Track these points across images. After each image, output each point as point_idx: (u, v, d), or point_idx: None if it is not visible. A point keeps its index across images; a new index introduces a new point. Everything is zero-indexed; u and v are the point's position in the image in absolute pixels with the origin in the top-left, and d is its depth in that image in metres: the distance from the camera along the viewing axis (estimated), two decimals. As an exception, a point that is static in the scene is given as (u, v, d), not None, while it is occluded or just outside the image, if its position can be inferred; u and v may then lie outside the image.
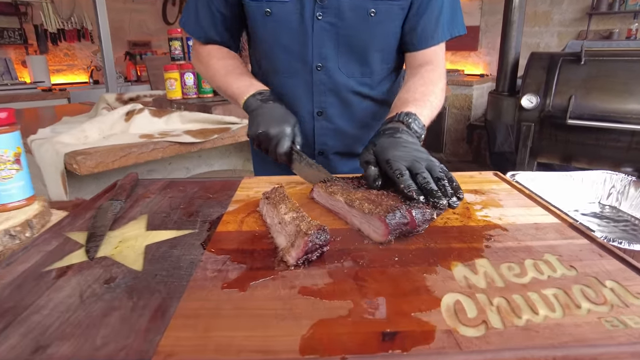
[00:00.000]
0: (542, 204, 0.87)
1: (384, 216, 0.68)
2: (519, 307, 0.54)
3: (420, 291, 0.57)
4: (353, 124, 1.21)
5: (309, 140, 1.21)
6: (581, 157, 2.69)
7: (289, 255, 0.64)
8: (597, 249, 0.69)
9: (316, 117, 1.17)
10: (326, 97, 1.13)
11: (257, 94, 1.05)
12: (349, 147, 1.26)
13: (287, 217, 0.70)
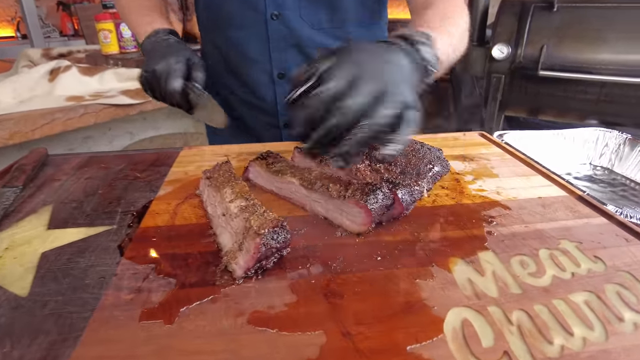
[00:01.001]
0: (542, 172, 0.73)
1: (363, 200, 0.52)
2: (546, 325, 0.41)
3: (414, 308, 0.42)
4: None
5: (271, 111, 0.99)
6: (549, 109, 2.62)
7: (235, 262, 0.47)
8: (619, 230, 0.56)
9: (277, 81, 0.93)
10: (287, 54, 0.90)
11: (153, 35, 0.84)
12: None
13: (233, 206, 0.52)
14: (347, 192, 0.54)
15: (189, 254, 0.51)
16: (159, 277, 0.47)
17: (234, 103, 1.02)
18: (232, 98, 1.02)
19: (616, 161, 0.97)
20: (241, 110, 1.03)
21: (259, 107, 0.99)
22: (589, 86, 2.31)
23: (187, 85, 0.77)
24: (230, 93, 1.01)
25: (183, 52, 0.79)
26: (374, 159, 0.64)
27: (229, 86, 1.00)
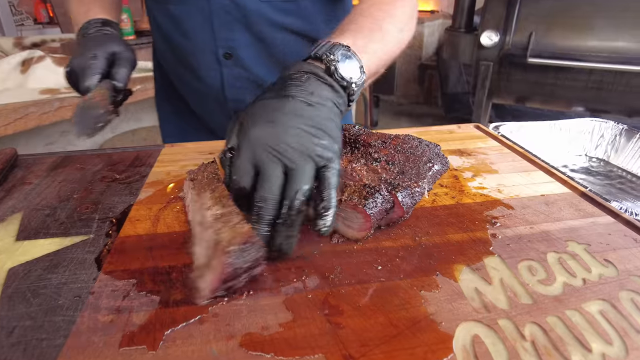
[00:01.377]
0: (543, 167, 0.71)
1: (361, 204, 0.48)
2: (561, 340, 0.38)
3: (421, 325, 0.39)
4: (279, 70, 0.86)
5: (219, 97, 0.89)
6: (537, 97, 2.61)
7: (202, 281, 0.42)
8: (627, 230, 0.54)
9: (223, 62, 0.84)
10: (233, 31, 0.81)
11: (84, 27, 0.76)
12: None
13: (209, 214, 0.48)
14: (343, 195, 0.51)
15: (173, 267, 0.47)
16: (140, 294, 0.43)
17: (186, 93, 0.95)
18: (182, 87, 0.95)
19: (612, 152, 0.95)
20: (191, 100, 0.96)
21: (206, 94, 0.90)
22: (577, 73, 2.31)
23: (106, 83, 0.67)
24: (180, 81, 0.94)
25: (109, 45, 0.71)
26: (369, 157, 0.60)
27: (178, 73, 0.92)
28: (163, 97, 1.04)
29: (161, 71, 1.00)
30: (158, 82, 1.04)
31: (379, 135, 0.66)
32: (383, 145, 0.62)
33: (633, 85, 2.18)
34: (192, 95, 0.95)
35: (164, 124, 1.07)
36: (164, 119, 1.07)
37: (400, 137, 0.65)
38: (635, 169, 0.89)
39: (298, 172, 0.44)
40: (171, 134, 1.03)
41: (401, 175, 0.55)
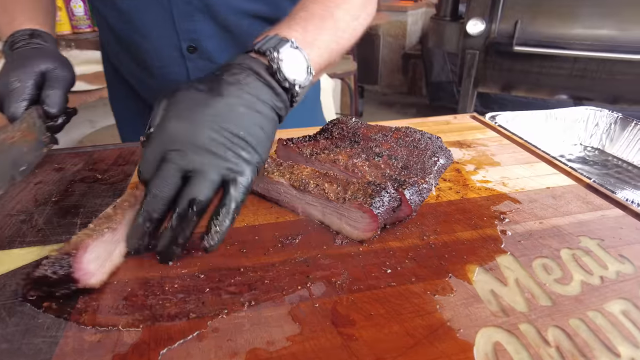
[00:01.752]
0: (545, 158, 0.69)
1: (367, 203, 0.45)
2: (587, 344, 0.36)
3: (438, 333, 0.36)
4: None
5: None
6: (522, 85, 2.62)
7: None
8: (638, 223, 0.52)
9: (187, 56, 0.76)
10: (196, 22, 0.74)
11: (9, 40, 0.68)
12: None
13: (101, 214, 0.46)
14: (347, 193, 0.48)
15: (165, 278, 0.43)
16: (131, 308, 0.39)
17: (147, 94, 0.86)
18: (142, 89, 0.86)
19: (607, 141, 0.94)
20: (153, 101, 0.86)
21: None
22: (562, 61, 2.31)
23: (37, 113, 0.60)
24: (139, 82, 0.85)
25: (37, 62, 0.63)
26: (370, 151, 0.57)
27: (135, 75, 0.83)
28: (119, 99, 0.95)
29: (114, 73, 0.91)
30: (111, 83, 0.94)
31: (379, 127, 0.63)
32: (384, 139, 0.59)
33: (616, 72, 2.20)
34: (153, 96, 0.85)
35: (123, 128, 0.98)
36: (122, 122, 0.97)
37: (401, 130, 0.62)
38: (631, 158, 0.88)
39: (197, 180, 0.41)
40: (133, 137, 0.93)
41: (405, 171, 0.53)
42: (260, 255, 0.46)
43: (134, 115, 0.93)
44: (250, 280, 0.42)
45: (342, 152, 0.58)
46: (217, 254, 0.46)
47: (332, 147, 0.60)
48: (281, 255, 0.46)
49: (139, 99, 0.90)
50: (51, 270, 0.37)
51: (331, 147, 0.59)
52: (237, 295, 0.40)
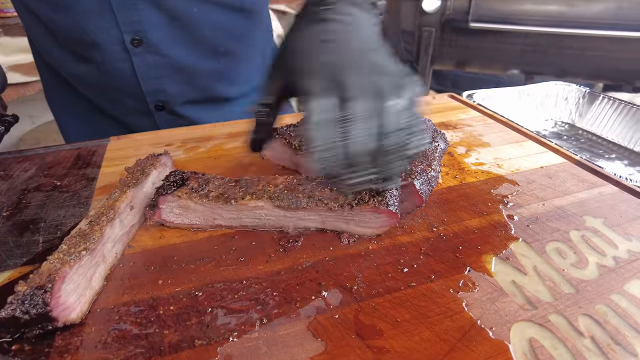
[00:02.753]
0: (532, 136, 0.68)
1: (383, 204, 0.41)
2: (618, 331, 0.35)
3: (471, 334, 0.34)
4: (201, 51, 0.74)
5: (134, 93, 0.74)
6: (476, 61, 2.67)
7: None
8: (633, 198, 0.52)
9: (132, 50, 0.69)
10: (140, 11, 0.66)
11: None
12: (208, 89, 0.79)
13: (79, 225, 0.40)
14: (354, 199, 0.43)
15: (157, 299, 0.37)
16: (123, 341, 0.33)
17: (89, 93, 0.78)
18: (83, 88, 0.78)
19: (576, 116, 0.96)
20: (96, 100, 0.78)
21: (116, 91, 0.75)
22: (514, 37, 2.37)
23: None
24: (78, 81, 0.76)
25: None
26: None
27: (73, 73, 0.75)
28: (56, 97, 0.84)
29: (49, 70, 0.80)
30: (46, 80, 0.83)
31: (370, 113, 0.59)
32: (378, 125, 0.56)
33: (564, 47, 2.29)
34: (98, 95, 0.78)
35: (65, 127, 0.87)
36: (63, 122, 0.87)
37: (394, 115, 0.58)
38: (600, 131, 0.91)
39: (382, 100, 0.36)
40: (77, 137, 0.83)
41: (407, 159, 0.49)
42: (262, 263, 0.42)
43: (75, 115, 0.83)
44: (256, 293, 0.38)
45: (335, 142, 0.53)
46: (211, 266, 0.41)
47: None
48: (285, 261, 0.42)
49: (80, 98, 0.80)
50: (21, 309, 0.31)
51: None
52: (244, 313, 0.36)
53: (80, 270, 0.35)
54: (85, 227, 0.39)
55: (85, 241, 0.37)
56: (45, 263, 0.35)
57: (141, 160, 0.52)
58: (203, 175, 0.48)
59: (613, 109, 0.89)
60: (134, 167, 0.50)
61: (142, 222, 0.47)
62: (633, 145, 0.84)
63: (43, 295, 0.31)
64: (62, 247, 0.37)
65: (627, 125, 0.86)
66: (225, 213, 0.45)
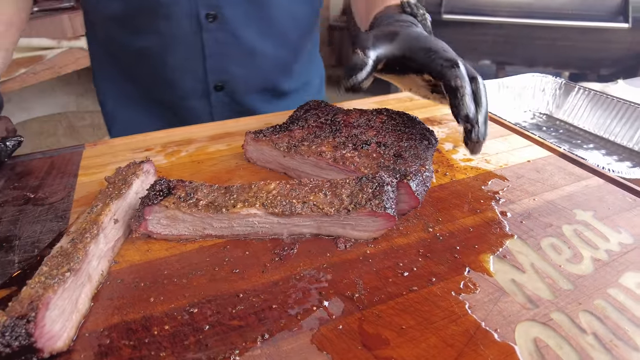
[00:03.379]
0: (516, 130, 0.69)
1: (380, 207, 0.40)
2: (618, 325, 0.35)
3: (477, 338, 0.34)
4: (271, 36, 0.76)
5: (195, 68, 0.76)
6: (449, 53, 2.71)
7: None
8: (619, 190, 0.53)
9: (205, 25, 0.71)
10: None
11: None
12: (269, 78, 0.81)
13: (59, 242, 0.38)
14: (344, 201, 0.42)
15: (149, 318, 0.35)
16: (116, 368, 0.31)
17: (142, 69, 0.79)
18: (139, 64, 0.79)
19: (554, 107, 0.98)
20: (152, 82, 0.80)
21: (178, 68, 0.76)
22: (486, 28, 2.41)
23: None
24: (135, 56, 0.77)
25: None
26: (357, 139, 0.52)
27: (135, 47, 0.76)
28: (107, 85, 0.86)
29: (103, 52, 0.81)
30: (98, 66, 0.85)
31: (359, 112, 0.58)
32: (368, 124, 0.55)
33: (535, 37, 2.34)
34: (154, 75, 0.78)
35: (113, 117, 0.88)
36: (111, 111, 0.88)
37: (383, 113, 0.58)
38: (577, 122, 0.93)
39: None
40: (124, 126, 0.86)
41: (401, 159, 0.49)
42: (258, 274, 0.40)
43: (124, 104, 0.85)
44: (255, 307, 0.36)
45: (325, 143, 0.52)
46: (205, 279, 0.39)
47: (311, 137, 0.54)
48: (282, 271, 0.40)
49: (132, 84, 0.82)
50: (2, 342, 0.28)
51: (310, 138, 0.54)
52: (244, 328, 0.34)
53: (65, 294, 0.33)
54: (68, 245, 0.36)
55: (69, 261, 0.34)
56: (26, 288, 0.32)
57: (122, 169, 0.49)
58: (190, 183, 0.45)
59: (589, 99, 0.91)
60: (115, 177, 0.48)
61: (126, 235, 0.45)
62: (608, 134, 0.87)
63: (26, 326, 0.29)
64: (43, 269, 0.34)
65: (602, 115, 0.88)
66: (216, 222, 0.43)
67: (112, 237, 0.42)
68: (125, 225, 0.44)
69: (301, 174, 0.54)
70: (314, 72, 0.94)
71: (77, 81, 1.97)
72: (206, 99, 0.80)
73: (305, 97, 0.87)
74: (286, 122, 0.59)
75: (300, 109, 0.61)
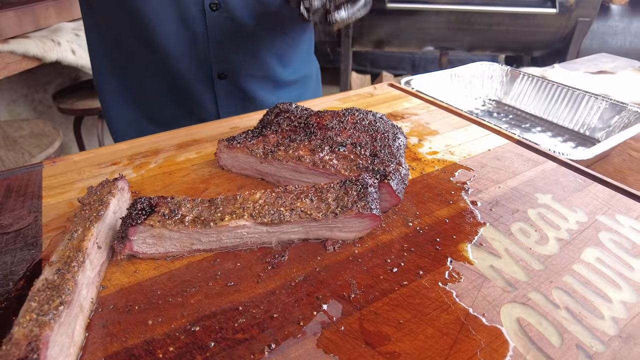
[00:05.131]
0: (473, 120, 0.73)
1: (366, 209, 0.42)
2: (585, 298, 0.40)
3: (467, 323, 0.37)
4: (270, 22, 0.80)
5: (200, 55, 0.78)
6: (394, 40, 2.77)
7: None
8: (570, 172, 0.59)
9: (209, 13, 0.74)
10: None
11: None
12: (268, 66, 0.84)
13: (44, 274, 0.36)
14: (331, 205, 0.43)
15: (151, 342, 0.35)
16: (125, 397, 0.31)
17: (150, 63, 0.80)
18: (145, 53, 0.79)
19: (502, 93, 1.04)
20: (156, 70, 0.80)
21: (183, 55, 0.77)
22: (428, 16, 2.49)
23: None
24: (143, 48, 0.78)
25: None
26: (332, 142, 0.53)
27: (141, 36, 0.76)
28: (108, 87, 0.85)
29: (106, 48, 0.81)
30: (99, 66, 0.84)
31: (330, 113, 0.59)
32: (341, 126, 0.56)
33: (474, 23, 2.45)
34: (159, 63, 0.79)
35: (116, 119, 0.88)
36: (114, 114, 0.87)
37: (354, 114, 0.59)
38: (524, 106, 1.00)
39: None
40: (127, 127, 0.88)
41: (377, 159, 0.50)
42: (253, 285, 0.41)
43: (127, 103, 0.86)
44: (256, 318, 0.37)
45: (302, 147, 0.53)
46: (200, 295, 0.39)
47: (287, 141, 0.54)
48: (276, 279, 0.41)
49: (134, 82, 0.84)
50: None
51: (285, 142, 0.54)
52: (249, 341, 0.35)
53: (61, 329, 0.32)
54: (54, 276, 0.35)
55: (59, 294, 0.33)
56: (18, 328, 0.31)
57: (95, 188, 0.47)
58: (172, 198, 0.45)
59: (532, 84, 0.98)
60: (89, 198, 0.46)
61: (110, 257, 0.43)
62: (552, 117, 0.94)
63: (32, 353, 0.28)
64: (32, 305, 0.33)
65: (545, 99, 0.96)
66: (204, 237, 0.43)
67: (97, 262, 0.40)
68: (108, 247, 0.43)
69: (279, 179, 0.54)
70: (312, 67, 0.98)
71: (8, 87, 1.83)
72: (210, 88, 0.82)
73: (305, 90, 0.93)
74: (258, 127, 0.59)
75: (271, 113, 0.61)
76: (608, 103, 0.85)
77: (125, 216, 0.43)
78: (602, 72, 1.26)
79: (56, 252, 0.38)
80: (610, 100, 0.85)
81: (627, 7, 2.71)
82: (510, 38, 2.62)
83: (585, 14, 2.34)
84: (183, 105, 0.84)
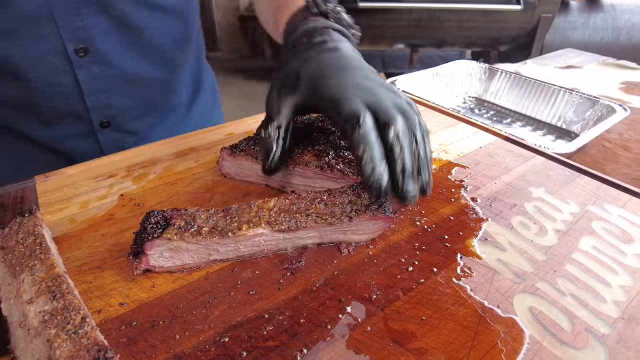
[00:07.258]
0: (461, 118, 0.76)
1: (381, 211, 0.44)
2: (586, 284, 0.42)
3: (485, 315, 0.39)
4: (150, 59, 0.70)
5: (73, 109, 0.67)
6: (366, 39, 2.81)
7: None
8: (558, 166, 0.62)
9: (76, 61, 0.63)
10: (84, 17, 0.61)
11: None
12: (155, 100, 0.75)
13: (32, 311, 0.34)
14: (345, 209, 0.44)
15: (182, 356, 0.35)
16: (166, 413, 0.31)
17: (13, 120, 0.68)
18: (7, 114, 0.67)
19: (481, 90, 1.08)
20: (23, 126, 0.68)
21: (53, 110, 0.66)
22: (399, 14, 2.54)
23: None
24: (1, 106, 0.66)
25: None
26: (337, 146, 0.54)
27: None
28: None
29: None
30: None
31: (329, 118, 0.60)
32: (343, 130, 0.57)
33: (443, 20, 2.52)
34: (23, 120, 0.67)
35: None
36: None
37: (353, 117, 0.60)
38: (503, 102, 1.04)
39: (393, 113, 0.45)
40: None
41: (382, 161, 0.52)
42: (275, 292, 0.41)
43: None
44: (284, 325, 0.38)
45: (307, 152, 0.54)
46: (224, 306, 0.40)
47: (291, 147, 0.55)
48: (297, 284, 0.42)
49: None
50: None
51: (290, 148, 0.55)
52: (280, 348, 0.36)
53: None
54: (52, 304, 0.34)
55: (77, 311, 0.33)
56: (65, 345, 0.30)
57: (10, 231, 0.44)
58: (186, 210, 0.44)
59: (510, 81, 1.02)
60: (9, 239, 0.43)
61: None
62: (530, 112, 0.98)
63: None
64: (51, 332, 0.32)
65: (523, 95, 1.00)
66: (222, 247, 0.43)
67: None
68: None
69: (285, 185, 0.55)
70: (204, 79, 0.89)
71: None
72: (91, 138, 0.72)
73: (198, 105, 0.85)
74: (258, 131, 0.59)
75: (270, 119, 0.62)
76: (582, 97, 0.90)
77: (139, 230, 0.42)
78: (570, 67, 1.33)
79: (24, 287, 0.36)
80: (584, 95, 0.90)
81: (584, 4, 2.85)
82: (479, 34, 2.71)
83: (547, 10, 2.45)
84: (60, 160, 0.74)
